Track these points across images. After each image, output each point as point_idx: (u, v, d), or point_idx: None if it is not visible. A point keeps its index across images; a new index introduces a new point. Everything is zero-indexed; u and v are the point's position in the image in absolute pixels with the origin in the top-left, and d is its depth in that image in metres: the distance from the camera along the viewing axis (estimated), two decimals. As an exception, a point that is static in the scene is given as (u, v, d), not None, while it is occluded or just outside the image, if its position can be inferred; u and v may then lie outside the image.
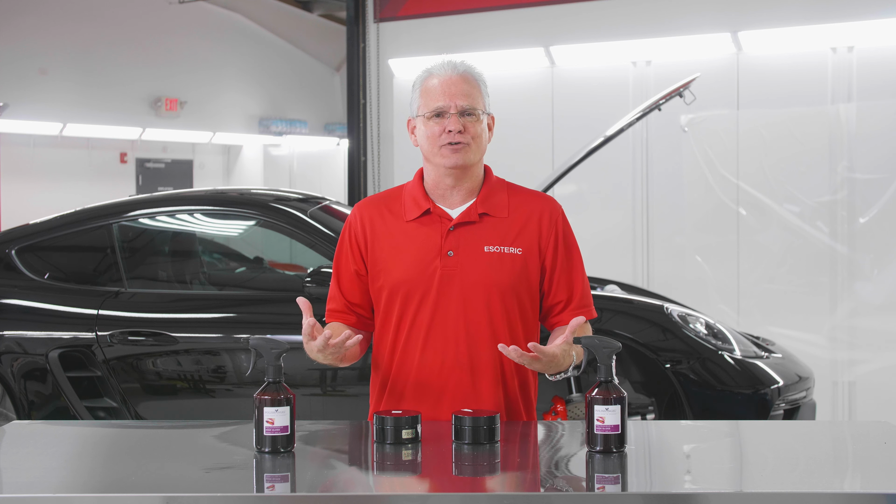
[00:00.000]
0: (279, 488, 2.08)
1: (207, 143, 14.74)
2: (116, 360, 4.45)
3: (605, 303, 4.47)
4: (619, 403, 2.21)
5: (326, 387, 4.44)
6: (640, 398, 4.41)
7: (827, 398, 6.18)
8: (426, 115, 2.56)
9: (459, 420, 2.31)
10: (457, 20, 7.76)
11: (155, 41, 13.42)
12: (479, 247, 2.55)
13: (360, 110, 8.14)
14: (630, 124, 5.44)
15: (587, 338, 2.29)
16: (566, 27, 7.31)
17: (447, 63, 2.58)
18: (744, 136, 6.66)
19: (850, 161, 6.35)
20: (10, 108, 11.20)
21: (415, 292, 2.53)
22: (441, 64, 2.58)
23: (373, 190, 8.12)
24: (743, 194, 6.65)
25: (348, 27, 8.21)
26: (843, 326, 6.37)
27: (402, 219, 2.59)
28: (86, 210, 4.88)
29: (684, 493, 1.99)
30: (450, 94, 2.54)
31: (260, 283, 5.08)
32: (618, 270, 6.60)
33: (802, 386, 4.51)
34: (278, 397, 2.23)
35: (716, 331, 4.47)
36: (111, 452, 2.40)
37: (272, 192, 5.10)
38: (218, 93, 14.55)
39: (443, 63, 2.58)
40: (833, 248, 6.40)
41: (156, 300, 4.65)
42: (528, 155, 7.20)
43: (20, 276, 4.70)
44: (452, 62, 2.58)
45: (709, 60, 6.74)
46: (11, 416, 4.49)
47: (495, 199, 2.60)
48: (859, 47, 6.39)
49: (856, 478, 2.18)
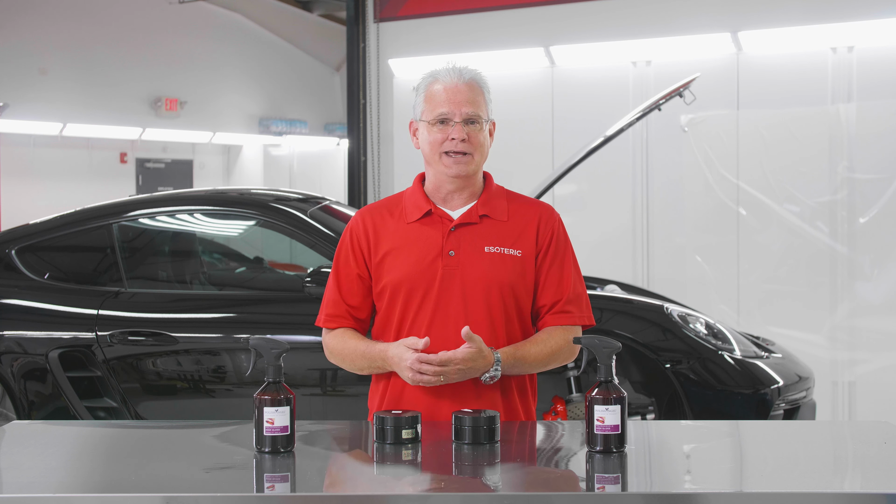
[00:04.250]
0: (279, 488, 2.08)
1: (207, 143, 14.74)
2: (116, 360, 4.45)
3: (605, 303, 4.47)
4: (619, 403, 2.21)
5: (326, 387, 4.44)
6: (640, 398, 4.41)
7: (827, 398, 6.18)
8: (430, 121, 2.56)
9: (459, 420, 2.31)
10: (457, 20, 7.76)
11: (155, 41, 13.42)
12: (479, 247, 2.56)
13: (360, 110, 8.15)
14: (630, 124, 5.44)
15: (587, 338, 2.29)
16: (566, 27, 7.31)
17: (453, 69, 2.58)
18: (744, 136, 6.66)
19: (850, 161, 6.35)
20: (10, 108, 11.20)
21: (416, 291, 2.55)
22: (447, 70, 2.58)
23: (373, 190, 8.12)
24: (743, 194, 6.64)
25: (348, 27, 8.21)
26: (843, 326, 6.36)
27: (403, 221, 2.61)
28: (86, 210, 4.88)
29: (684, 493, 1.99)
30: (455, 101, 2.54)
31: (260, 283, 5.08)
32: (618, 270, 6.60)
33: (802, 386, 4.51)
34: (278, 397, 2.23)
35: (716, 331, 4.47)
36: (111, 452, 2.40)
37: (272, 192, 5.10)
38: (218, 93, 14.55)
39: (449, 69, 2.58)
40: (833, 248, 6.39)
41: (156, 300, 4.65)
42: (528, 155, 7.20)
43: (20, 276, 4.70)
44: (458, 69, 2.58)
45: (709, 60, 6.74)
46: (11, 416, 4.49)
47: (495, 203, 2.62)
48: (859, 47, 6.39)
49: (856, 478, 2.18)
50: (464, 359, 2.44)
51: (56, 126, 12.37)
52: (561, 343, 2.57)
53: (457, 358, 2.44)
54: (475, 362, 2.46)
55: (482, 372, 2.49)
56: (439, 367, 2.43)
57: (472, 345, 2.45)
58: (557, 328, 2.58)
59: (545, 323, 2.60)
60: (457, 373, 2.45)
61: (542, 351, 2.55)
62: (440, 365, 2.43)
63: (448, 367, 2.44)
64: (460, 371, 2.45)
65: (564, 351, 2.58)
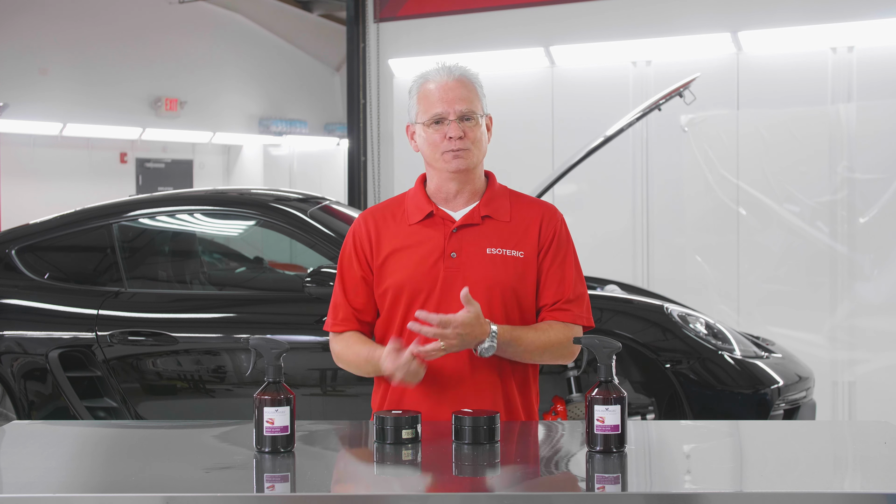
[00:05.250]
0: (279, 488, 2.08)
1: (207, 143, 14.74)
2: (116, 360, 4.45)
3: (605, 303, 4.47)
4: (619, 403, 2.21)
5: (326, 387, 4.44)
6: (640, 398, 4.41)
7: (827, 398, 6.18)
8: (425, 122, 2.56)
9: (459, 420, 2.31)
10: (457, 20, 7.76)
11: (155, 41, 13.42)
12: (481, 248, 2.56)
13: (360, 110, 8.15)
14: (630, 124, 5.44)
15: (587, 338, 2.29)
16: (566, 27, 7.31)
17: (442, 68, 2.58)
18: (744, 136, 6.66)
19: (850, 161, 6.35)
20: (10, 108, 11.20)
21: (419, 293, 2.55)
22: (436, 69, 2.59)
23: (373, 190, 8.12)
24: (743, 194, 6.65)
25: (348, 27, 8.21)
26: (843, 326, 6.37)
27: (405, 223, 2.61)
28: (86, 210, 4.88)
29: (684, 493, 1.99)
30: (447, 99, 2.54)
31: (260, 283, 5.08)
32: (618, 270, 6.59)
33: (802, 386, 4.51)
34: (278, 397, 2.23)
35: (716, 331, 4.47)
36: (111, 452, 2.40)
37: (272, 192, 5.10)
38: (218, 93, 14.54)
39: (438, 68, 2.59)
40: (833, 248, 6.40)
41: (156, 300, 4.65)
42: (528, 155, 7.20)
43: (20, 276, 4.70)
44: (447, 66, 2.58)
45: (709, 60, 6.74)
46: (11, 416, 4.49)
47: (498, 203, 2.62)
48: (859, 47, 6.39)
49: (856, 478, 2.18)
50: (463, 322, 2.41)
51: (56, 126, 12.36)
52: (559, 336, 2.55)
53: (456, 321, 2.41)
54: (473, 328, 2.43)
55: (479, 341, 2.46)
56: (439, 327, 2.40)
57: (470, 309, 2.42)
58: (557, 322, 2.57)
59: (544, 318, 2.59)
60: (456, 337, 2.42)
61: (539, 338, 2.53)
62: (440, 326, 2.40)
63: (447, 331, 2.40)
64: (459, 336, 2.42)
65: (562, 346, 2.55)
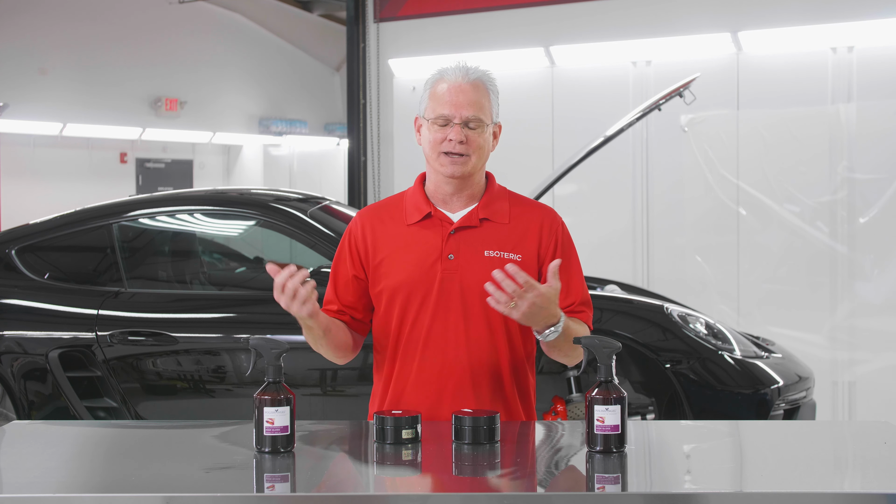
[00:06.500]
0: (279, 488, 2.08)
1: (207, 143, 14.74)
2: (116, 360, 4.45)
3: (605, 303, 4.47)
4: (619, 403, 2.21)
5: (326, 387, 4.44)
6: (640, 398, 4.41)
7: (827, 398, 6.18)
8: (431, 120, 2.55)
9: (459, 420, 2.31)
10: (457, 20, 7.76)
11: (155, 41, 13.42)
12: (479, 250, 2.55)
13: (360, 110, 8.15)
14: (630, 124, 5.44)
15: (587, 338, 2.29)
16: (566, 27, 7.31)
17: (459, 68, 2.55)
18: (744, 136, 6.66)
19: (850, 161, 6.35)
20: (10, 108, 11.20)
21: (415, 294, 2.54)
22: (454, 68, 2.55)
23: (373, 190, 8.12)
24: (743, 194, 6.64)
25: (348, 27, 8.21)
26: (843, 326, 6.37)
27: (403, 223, 2.60)
28: (86, 210, 4.88)
29: (684, 493, 1.99)
30: (456, 102, 2.51)
31: (260, 283, 5.07)
32: (618, 270, 6.60)
33: (802, 386, 4.51)
34: (278, 397, 2.23)
35: (716, 331, 4.47)
36: (111, 452, 2.40)
37: (272, 192, 5.10)
38: (218, 93, 14.55)
39: (455, 67, 2.55)
40: (833, 248, 6.39)
41: (156, 300, 4.65)
42: (527, 155, 7.19)
43: (20, 276, 4.70)
44: (465, 68, 2.55)
45: (709, 60, 6.74)
46: (11, 416, 4.49)
47: (496, 205, 2.60)
48: (859, 47, 6.39)
49: (856, 478, 2.18)
50: (544, 294, 2.32)
51: (56, 126, 12.37)
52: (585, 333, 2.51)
53: (540, 289, 2.32)
54: (549, 306, 2.35)
55: (546, 323, 2.38)
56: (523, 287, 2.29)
57: (553, 284, 2.34)
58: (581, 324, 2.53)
59: None
60: (531, 306, 2.32)
61: (578, 331, 2.48)
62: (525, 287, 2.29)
63: (528, 294, 2.31)
64: (534, 306, 2.32)
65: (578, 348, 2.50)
